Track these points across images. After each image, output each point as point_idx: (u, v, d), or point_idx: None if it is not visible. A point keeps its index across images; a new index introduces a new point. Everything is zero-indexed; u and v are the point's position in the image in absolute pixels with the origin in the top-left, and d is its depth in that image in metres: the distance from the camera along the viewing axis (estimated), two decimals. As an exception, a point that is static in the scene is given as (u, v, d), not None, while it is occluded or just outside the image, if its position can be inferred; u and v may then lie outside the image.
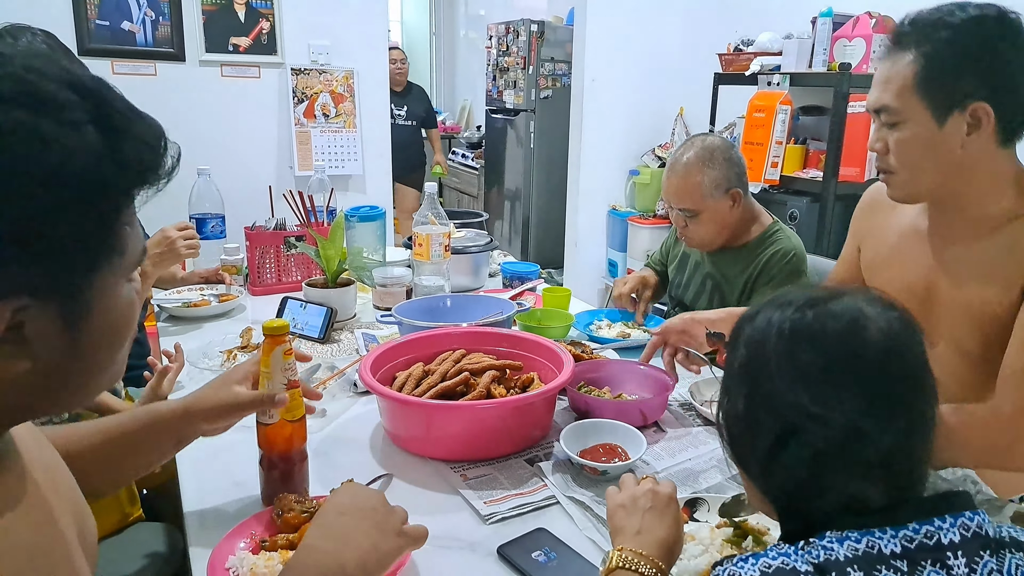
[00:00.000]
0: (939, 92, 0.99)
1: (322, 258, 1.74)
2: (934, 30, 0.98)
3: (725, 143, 1.71)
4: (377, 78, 3.38)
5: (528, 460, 1.13)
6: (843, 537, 0.58)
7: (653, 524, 0.78)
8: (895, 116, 1.03)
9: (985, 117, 0.98)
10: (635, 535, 0.77)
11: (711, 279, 1.78)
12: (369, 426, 1.24)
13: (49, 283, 0.48)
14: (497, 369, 1.24)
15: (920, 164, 1.04)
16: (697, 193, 1.65)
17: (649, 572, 0.73)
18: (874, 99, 1.07)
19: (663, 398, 1.28)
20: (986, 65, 0.97)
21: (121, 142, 0.49)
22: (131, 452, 0.87)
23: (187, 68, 3.00)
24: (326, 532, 0.74)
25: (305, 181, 2.23)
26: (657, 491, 0.81)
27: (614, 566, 0.74)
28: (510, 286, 2.01)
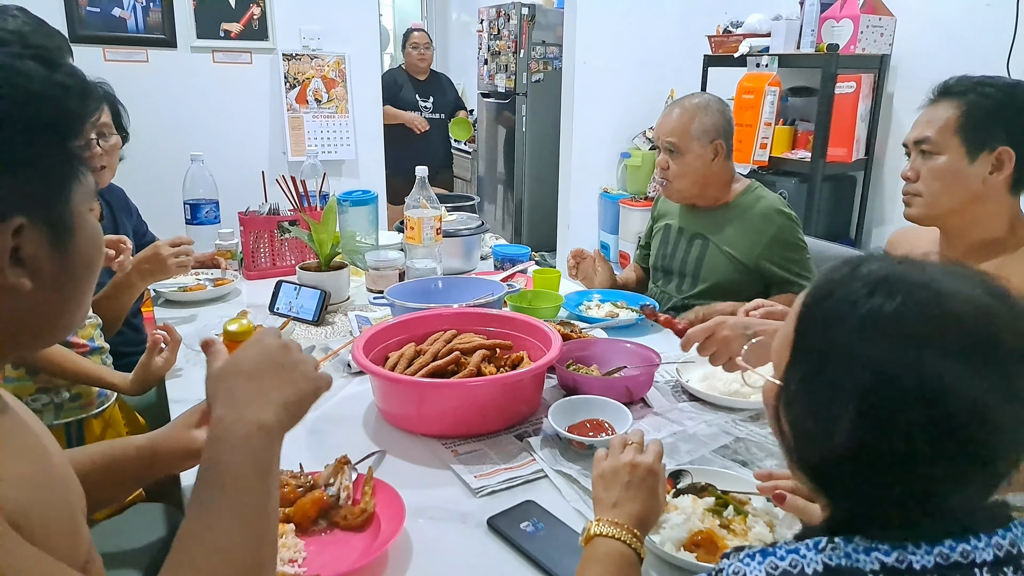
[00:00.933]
0: (974, 134, 1.18)
1: (315, 242, 1.77)
2: (979, 85, 1.19)
3: (722, 103, 1.79)
4: (369, 63, 3.38)
5: (517, 436, 1.16)
6: (871, 547, 0.54)
7: (629, 497, 0.82)
8: (934, 147, 1.21)
9: (1008, 161, 1.17)
10: (611, 507, 0.81)
11: (698, 238, 1.82)
12: (362, 405, 1.27)
13: (37, 203, 0.54)
14: (487, 348, 1.27)
15: (945, 190, 1.22)
16: (686, 131, 1.73)
17: (625, 537, 0.77)
18: (916, 133, 1.25)
19: (649, 374, 1.31)
20: (1015, 120, 1.17)
21: (57, 73, 0.56)
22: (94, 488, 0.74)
23: (179, 54, 2.99)
24: (234, 400, 0.63)
25: (298, 166, 2.24)
26: (637, 464, 0.84)
27: (592, 535, 0.79)
28: (501, 268, 2.04)
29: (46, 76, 0.55)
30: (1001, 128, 1.17)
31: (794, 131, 3.07)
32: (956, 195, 1.21)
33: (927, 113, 1.24)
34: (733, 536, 0.89)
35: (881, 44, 2.81)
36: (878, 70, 2.84)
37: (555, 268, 1.90)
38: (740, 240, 1.74)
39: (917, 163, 1.25)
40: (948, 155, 1.20)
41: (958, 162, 1.20)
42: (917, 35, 2.78)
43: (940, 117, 1.21)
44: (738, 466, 1.09)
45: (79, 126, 0.57)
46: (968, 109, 1.18)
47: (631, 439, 0.89)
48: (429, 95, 4.19)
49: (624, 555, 0.76)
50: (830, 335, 0.58)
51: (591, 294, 1.83)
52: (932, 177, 1.22)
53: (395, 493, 0.95)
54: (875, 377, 0.54)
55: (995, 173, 1.18)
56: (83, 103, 0.57)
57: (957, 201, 1.22)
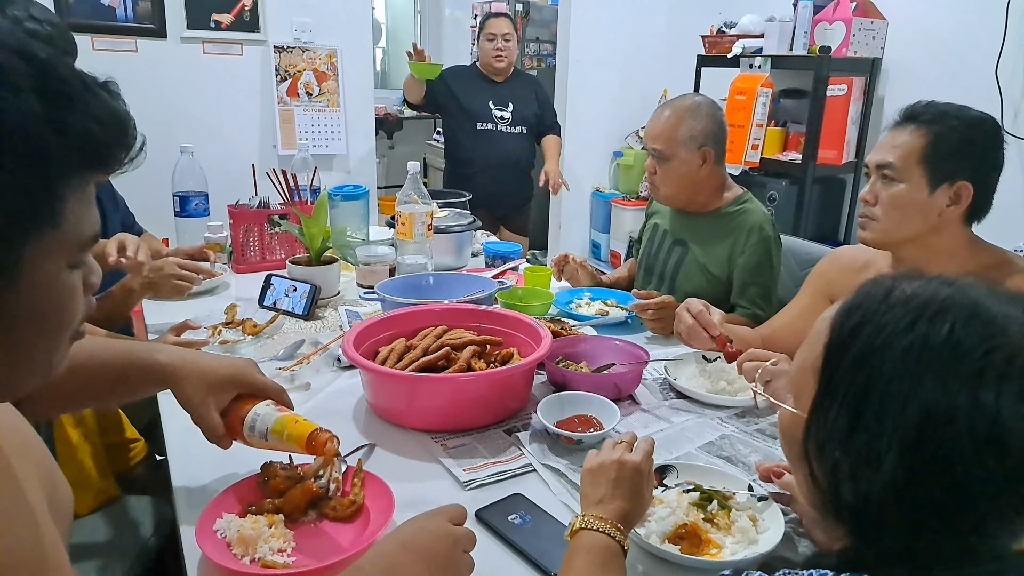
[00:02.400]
0: (937, 166, 1.18)
1: (306, 236, 1.76)
2: (947, 117, 1.20)
3: (715, 106, 1.76)
4: (361, 57, 3.37)
5: (506, 430, 1.17)
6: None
7: (615, 494, 0.83)
8: (896, 175, 1.21)
9: (966, 196, 1.19)
10: (597, 503, 0.82)
11: (679, 245, 1.83)
12: (352, 399, 1.27)
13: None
14: (478, 344, 1.28)
15: (903, 218, 1.22)
16: (672, 137, 1.70)
17: (608, 530, 0.78)
18: (879, 157, 1.24)
19: (637, 372, 1.32)
20: (978, 157, 1.19)
21: (66, 113, 0.49)
22: (101, 388, 0.86)
23: (168, 45, 2.97)
24: (378, 560, 0.71)
25: (288, 160, 2.24)
26: (624, 461, 0.85)
27: (577, 528, 0.80)
28: (492, 265, 2.04)
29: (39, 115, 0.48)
30: (964, 163, 1.18)
31: (785, 133, 3.09)
32: (912, 224, 1.22)
33: (892, 136, 1.24)
34: (716, 530, 0.91)
35: (873, 47, 2.84)
36: (869, 73, 2.87)
37: (546, 266, 1.91)
38: (718, 252, 1.75)
39: (877, 187, 1.24)
40: (909, 184, 1.20)
41: (918, 192, 1.20)
42: (908, 39, 2.81)
43: (905, 144, 1.20)
44: (723, 462, 1.10)
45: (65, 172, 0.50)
46: (934, 140, 1.18)
47: (623, 439, 0.90)
48: (507, 102, 3.10)
49: (608, 546, 0.77)
50: (869, 368, 0.53)
51: (581, 292, 1.83)
52: (890, 204, 1.22)
53: (384, 485, 0.95)
54: (923, 416, 0.50)
55: (952, 207, 1.19)
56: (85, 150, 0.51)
57: (912, 231, 1.22)
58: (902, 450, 0.51)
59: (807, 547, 0.91)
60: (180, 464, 1.06)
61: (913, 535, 0.53)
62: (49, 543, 0.58)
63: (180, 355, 0.91)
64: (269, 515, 0.89)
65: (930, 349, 0.51)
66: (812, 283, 1.50)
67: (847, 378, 0.55)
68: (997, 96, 2.43)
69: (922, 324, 0.52)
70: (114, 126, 0.53)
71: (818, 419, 0.57)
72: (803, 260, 1.89)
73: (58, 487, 0.68)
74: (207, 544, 0.84)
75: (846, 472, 0.54)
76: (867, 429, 0.53)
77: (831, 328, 0.58)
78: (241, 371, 0.93)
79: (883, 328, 0.53)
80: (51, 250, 0.51)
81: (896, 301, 0.54)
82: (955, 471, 0.50)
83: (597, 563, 0.76)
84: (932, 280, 0.55)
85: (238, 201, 2.01)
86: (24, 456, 0.61)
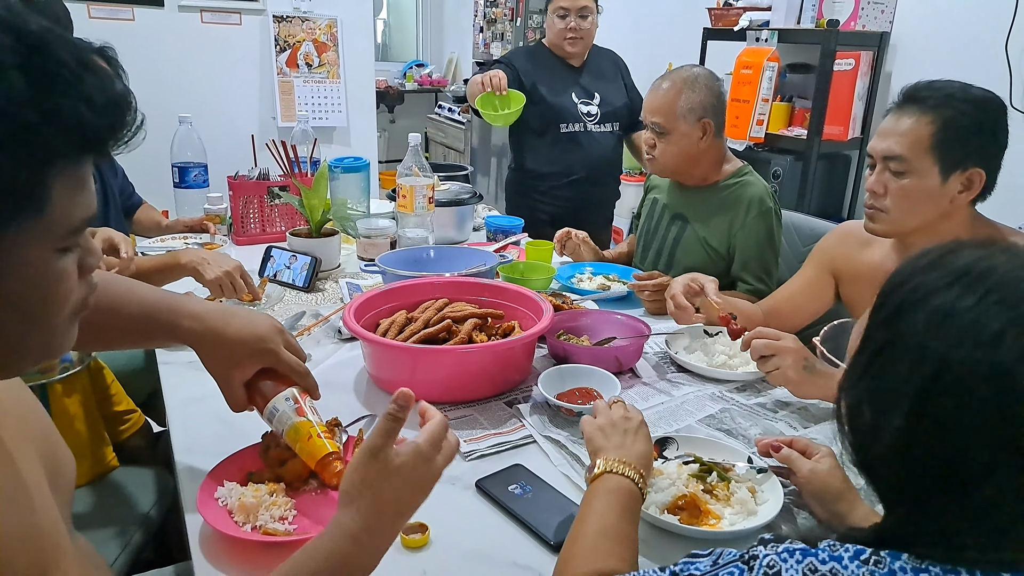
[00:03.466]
0: (950, 153, 1.14)
1: (306, 208, 1.75)
2: (954, 100, 1.14)
3: (713, 77, 1.73)
4: (361, 28, 3.32)
5: (507, 402, 1.17)
6: (920, 568, 0.50)
7: (631, 441, 0.85)
8: (904, 166, 1.17)
9: (978, 180, 1.16)
10: (616, 448, 0.84)
11: (679, 219, 1.82)
12: (353, 370, 1.27)
13: None
14: (479, 317, 1.28)
15: (915, 209, 1.19)
16: (671, 111, 1.68)
17: (633, 475, 0.80)
18: (885, 147, 1.19)
19: (638, 345, 1.32)
20: (988, 140, 1.15)
21: (54, 95, 0.46)
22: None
23: (166, 13, 2.93)
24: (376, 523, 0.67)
25: (288, 132, 2.21)
26: (630, 416, 0.89)
27: (601, 471, 0.81)
28: (494, 239, 2.03)
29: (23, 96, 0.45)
30: (975, 148, 1.15)
31: (791, 108, 3.05)
32: (924, 213, 1.19)
33: (895, 122, 1.19)
34: (716, 501, 0.91)
35: (882, 21, 2.79)
36: (877, 48, 2.82)
37: (548, 240, 1.90)
38: (717, 226, 1.73)
39: (884, 177, 1.20)
40: (919, 174, 1.16)
41: (929, 182, 1.16)
42: (917, 14, 2.76)
43: (912, 132, 1.16)
44: (723, 435, 1.10)
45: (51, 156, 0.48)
46: (943, 126, 1.14)
47: (614, 399, 0.94)
48: (592, 92, 2.43)
49: (631, 491, 0.79)
50: (898, 323, 0.54)
51: (583, 267, 1.83)
52: (901, 196, 1.18)
53: (385, 456, 0.95)
54: (937, 372, 0.50)
55: (964, 192, 1.17)
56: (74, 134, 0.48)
57: (923, 220, 1.20)
58: (912, 405, 0.51)
59: (806, 519, 0.91)
60: (181, 435, 1.06)
61: (921, 504, 0.53)
62: (50, 522, 0.58)
63: (204, 322, 0.86)
64: (270, 483, 0.90)
65: (956, 312, 0.51)
66: (815, 258, 1.49)
67: (879, 333, 0.56)
68: (1007, 72, 2.39)
69: (957, 287, 0.52)
70: (109, 108, 0.50)
71: (850, 373, 0.58)
72: (807, 236, 1.88)
73: (59, 458, 0.67)
74: (209, 512, 0.84)
75: (862, 421, 0.55)
76: (883, 378, 0.54)
77: (881, 288, 0.59)
78: (266, 347, 0.87)
79: (919, 287, 0.54)
80: (35, 238, 0.49)
81: (941, 264, 0.54)
82: (961, 435, 0.50)
83: (616, 507, 0.77)
84: (991, 250, 0.55)
85: (237, 172, 1.99)
86: (23, 432, 0.60)
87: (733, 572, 0.56)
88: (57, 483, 0.63)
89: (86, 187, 0.52)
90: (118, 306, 0.84)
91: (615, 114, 2.46)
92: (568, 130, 2.39)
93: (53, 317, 0.53)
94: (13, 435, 0.58)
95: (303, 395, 0.89)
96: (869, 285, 1.35)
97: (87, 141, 0.50)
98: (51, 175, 0.48)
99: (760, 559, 0.55)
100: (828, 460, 0.91)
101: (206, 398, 1.15)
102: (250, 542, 0.82)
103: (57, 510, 0.60)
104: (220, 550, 0.83)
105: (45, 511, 0.57)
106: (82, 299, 0.56)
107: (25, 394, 0.67)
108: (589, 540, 0.74)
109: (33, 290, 0.51)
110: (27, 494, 0.56)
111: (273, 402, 0.87)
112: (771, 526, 0.88)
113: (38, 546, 0.55)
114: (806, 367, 1.14)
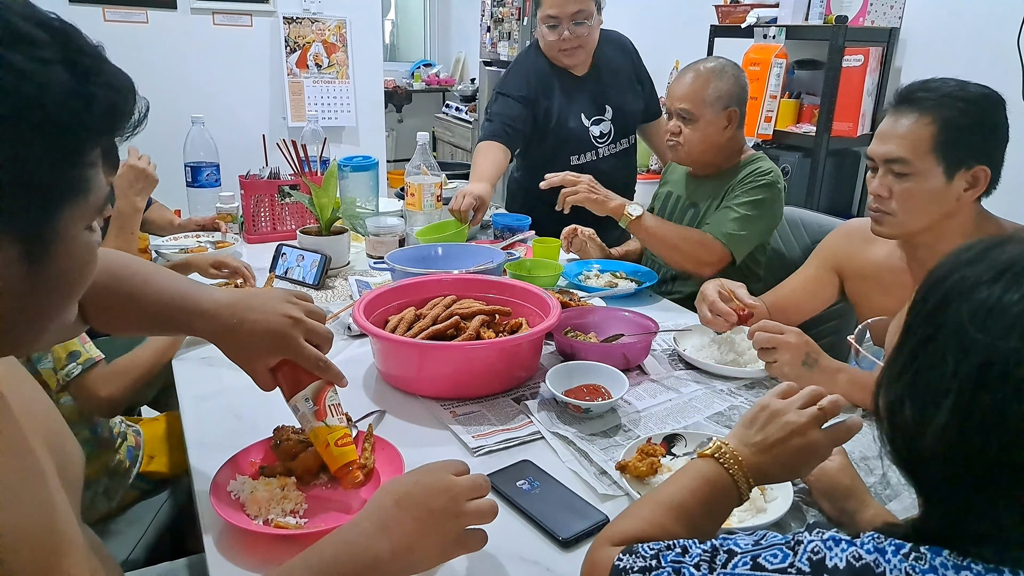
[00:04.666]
0: (952, 153, 1.14)
1: (316, 207, 1.76)
2: (951, 100, 1.13)
3: (738, 68, 1.77)
4: (370, 28, 3.33)
5: (515, 399, 1.18)
6: (961, 566, 0.50)
7: (771, 450, 0.74)
8: (908, 168, 1.16)
9: (984, 177, 1.15)
10: (748, 444, 0.74)
11: (692, 207, 1.83)
12: (363, 367, 1.28)
13: (14, 216, 0.48)
14: (487, 314, 1.28)
15: (921, 211, 1.18)
16: (700, 97, 1.70)
17: (737, 475, 0.72)
18: (886, 151, 1.18)
19: (646, 342, 1.33)
20: (989, 137, 1.15)
21: (89, 84, 0.50)
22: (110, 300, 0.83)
23: (179, 16, 2.96)
24: (372, 514, 0.71)
25: (298, 132, 2.23)
26: (802, 431, 0.73)
27: (709, 453, 0.74)
28: (501, 237, 2.04)
29: (70, 87, 0.49)
30: (977, 146, 1.14)
31: (799, 104, 3.04)
32: (930, 214, 1.18)
33: (892, 124, 1.18)
34: (724, 497, 0.91)
35: (891, 17, 2.77)
36: (886, 43, 2.81)
37: (555, 238, 1.90)
38: (724, 197, 1.75)
39: (888, 180, 1.19)
40: (924, 176, 1.15)
41: (934, 182, 1.15)
42: (927, 9, 2.75)
43: (912, 134, 1.15)
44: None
45: (93, 142, 0.52)
46: (944, 126, 1.13)
47: (825, 403, 0.76)
48: (603, 104, 2.15)
49: (726, 487, 0.72)
50: (942, 317, 0.53)
51: (590, 264, 1.83)
52: (906, 198, 1.18)
53: (395, 450, 0.97)
54: (983, 365, 0.50)
55: (969, 190, 1.16)
56: (109, 118, 0.53)
57: (930, 220, 1.19)
58: (958, 399, 0.51)
59: (815, 516, 0.92)
60: (195, 429, 1.08)
61: (963, 501, 0.52)
62: (58, 515, 0.58)
63: (216, 321, 0.85)
64: (281, 477, 0.91)
65: (1003, 304, 0.51)
66: (820, 254, 1.49)
67: (922, 326, 0.55)
68: (1018, 66, 2.37)
69: (1003, 280, 0.51)
70: (128, 92, 0.54)
71: (890, 368, 0.57)
72: (815, 232, 1.87)
73: (67, 451, 0.68)
74: (221, 505, 0.85)
75: (903, 417, 0.54)
76: (926, 372, 0.53)
77: (924, 279, 0.58)
78: (283, 343, 0.85)
79: (964, 280, 0.53)
80: (80, 216, 0.53)
81: (987, 257, 0.54)
82: (1008, 427, 0.49)
83: (703, 497, 0.71)
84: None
85: (249, 172, 2.01)
86: (29, 426, 0.61)
87: (776, 554, 0.56)
88: (65, 476, 0.64)
89: (108, 165, 0.56)
90: (137, 295, 0.84)
91: (630, 124, 2.23)
92: (579, 162, 2.15)
93: (81, 291, 0.57)
94: (19, 428, 0.59)
95: (324, 391, 0.87)
96: (875, 282, 1.36)
97: (115, 123, 0.53)
98: (93, 158, 0.52)
99: (805, 544, 0.55)
100: (838, 458, 0.91)
101: (219, 393, 1.17)
102: (262, 535, 0.83)
103: (67, 503, 0.61)
104: (232, 543, 0.84)
105: (52, 505, 0.58)
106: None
107: (31, 387, 0.68)
108: (647, 506, 0.71)
109: (75, 267, 0.55)
110: (32, 488, 0.56)
111: (294, 400, 0.87)
112: (780, 524, 0.88)
113: (44, 540, 0.56)
114: (806, 363, 1.14)
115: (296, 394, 0.86)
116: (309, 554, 0.67)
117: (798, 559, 0.54)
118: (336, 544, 0.69)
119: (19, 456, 0.56)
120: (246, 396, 1.13)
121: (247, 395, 1.11)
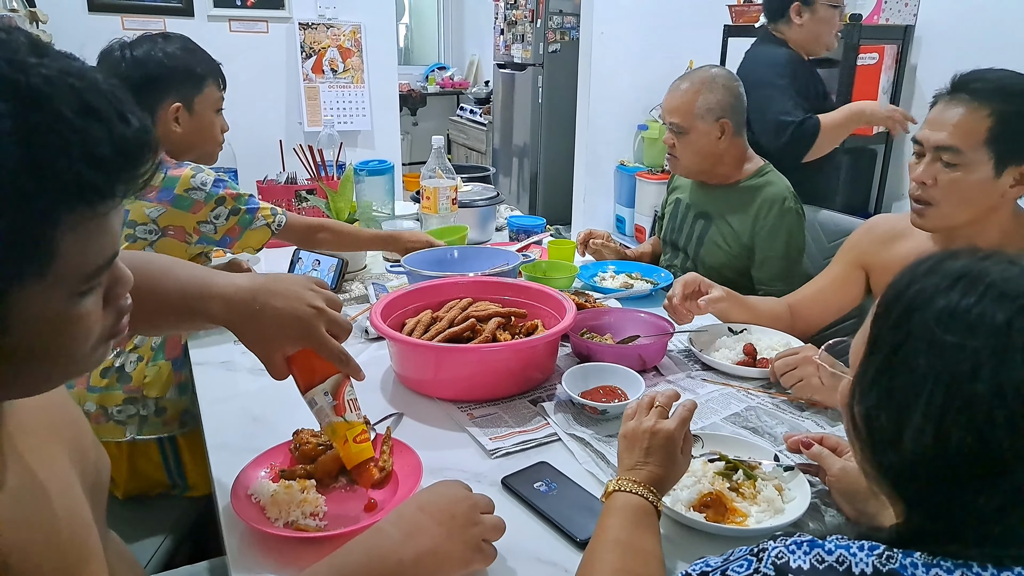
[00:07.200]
0: (1006, 148, 1.12)
1: (332, 211, 1.78)
2: (1011, 95, 1.12)
3: (731, 77, 1.74)
4: (384, 33, 3.36)
5: (531, 401, 1.18)
6: (931, 564, 0.51)
7: (647, 460, 0.83)
8: (958, 159, 1.14)
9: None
10: (630, 469, 0.83)
11: (702, 218, 1.82)
12: (380, 369, 1.29)
13: None
14: (502, 316, 1.29)
15: (965, 203, 1.17)
16: (689, 110, 1.69)
17: (641, 492, 0.79)
18: (938, 139, 1.15)
19: (662, 343, 1.33)
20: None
21: (52, 155, 0.45)
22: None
23: (196, 23, 3.00)
24: (398, 521, 0.74)
25: (314, 136, 2.25)
26: (657, 430, 0.84)
27: (611, 490, 0.81)
28: (516, 239, 2.04)
29: (16, 162, 0.44)
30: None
31: (814, 103, 3.02)
32: (974, 208, 1.17)
33: (944, 111, 1.15)
34: (742, 499, 0.91)
35: (906, 14, 2.75)
36: (902, 41, 2.78)
37: (571, 239, 1.90)
38: (740, 224, 1.73)
39: (935, 168, 1.16)
40: (973, 168, 1.13)
41: (982, 175, 1.13)
42: (942, 6, 2.72)
43: (966, 124, 1.12)
44: (749, 433, 1.10)
45: (68, 210, 0.47)
46: (1001, 119, 1.10)
47: (658, 401, 0.87)
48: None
49: (641, 506, 0.79)
50: (908, 324, 0.55)
51: (606, 265, 1.83)
52: (952, 189, 1.15)
53: (413, 452, 0.97)
54: (954, 363, 0.52)
55: (1016, 187, 1.14)
56: (76, 190, 0.46)
57: (972, 215, 1.17)
58: (932, 398, 0.52)
59: (833, 517, 0.91)
60: (215, 432, 1.09)
61: (941, 505, 0.54)
62: (79, 523, 0.58)
63: (232, 307, 0.81)
64: (301, 480, 0.92)
65: (962, 308, 0.53)
66: (845, 253, 1.48)
67: (889, 336, 0.57)
68: (1038, 63, 2.34)
69: (958, 288, 0.54)
70: (114, 160, 0.48)
71: (861, 380, 0.59)
72: (832, 232, 1.86)
73: (91, 459, 0.68)
74: (242, 507, 0.86)
75: (879, 425, 0.56)
76: (899, 377, 0.55)
77: (883, 294, 0.60)
78: (305, 334, 0.82)
79: (924, 290, 0.56)
80: (44, 292, 0.48)
81: (940, 270, 0.57)
82: (980, 428, 0.51)
83: (630, 520, 0.77)
84: (979, 255, 0.57)
85: (266, 177, 2.03)
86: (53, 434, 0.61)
87: (743, 564, 0.57)
88: (89, 484, 0.65)
89: (104, 231, 0.50)
90: (157, 288, 0.80)
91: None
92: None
93: (75, 353, 0.53)
94: (41, 438, 0.59)
95: (343, 385, 0.86)
96: None
97: (90, 195, 0.48)
98: (56, 232, 0.47)
99: (769, 551, 0.57)
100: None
101: (239, 396, 1.18)
102: (283, 538, 0.84)
103: (89, 511, 0.61)
104: (253, 546, 0.85)
105: (74, 513, 0.58)
106: (111, 326, 0.56)
107: (57, 396, 0.67)
108: (597, 554, 0.74)
109: (49, 338, 0.50)
110: (51, 496, 0.56)
111: (311, 394, 0.85)
112: (798, 524, 0.88)
113: (65, 549, 0.55)
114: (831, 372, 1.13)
115: (311, 384, 0.85)
116: (335, 559, 0.69)
117: (763, 565, 0.56)
118: (361, 549, 0.71)
119: (39, 465, 0.57)
120: (264, 399, 1.14)
121: (265, 398, 1.13)
